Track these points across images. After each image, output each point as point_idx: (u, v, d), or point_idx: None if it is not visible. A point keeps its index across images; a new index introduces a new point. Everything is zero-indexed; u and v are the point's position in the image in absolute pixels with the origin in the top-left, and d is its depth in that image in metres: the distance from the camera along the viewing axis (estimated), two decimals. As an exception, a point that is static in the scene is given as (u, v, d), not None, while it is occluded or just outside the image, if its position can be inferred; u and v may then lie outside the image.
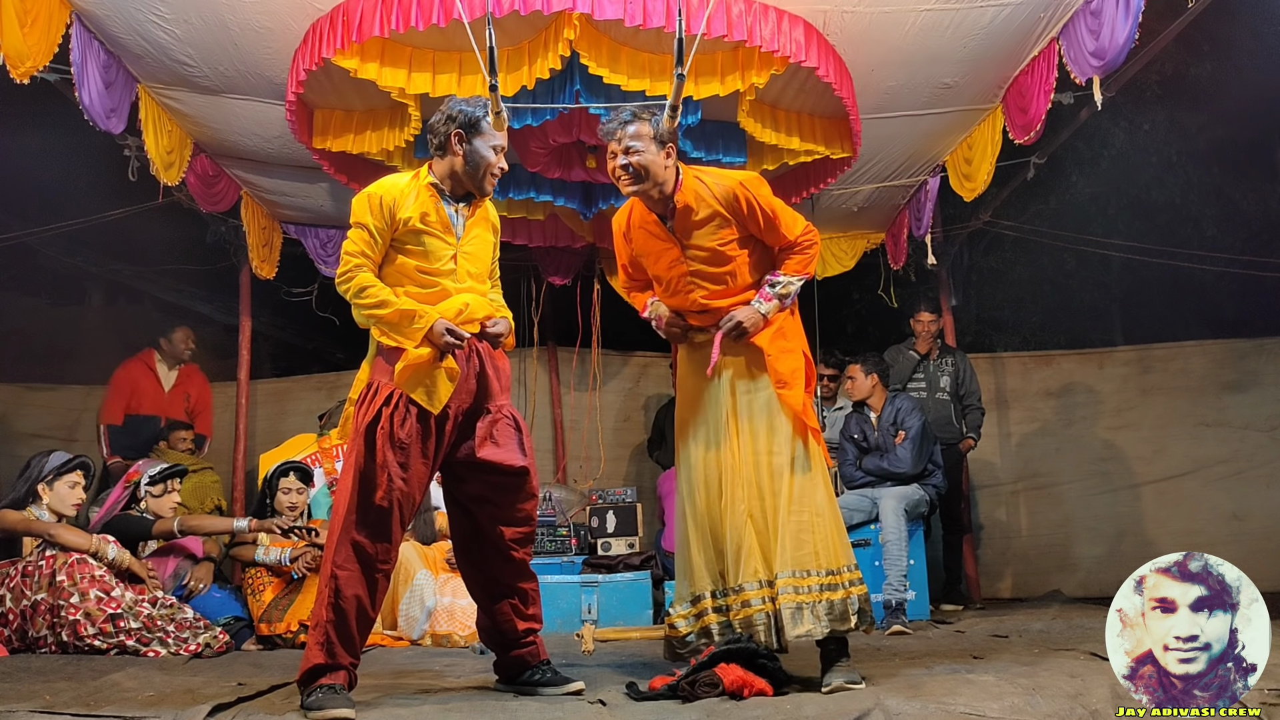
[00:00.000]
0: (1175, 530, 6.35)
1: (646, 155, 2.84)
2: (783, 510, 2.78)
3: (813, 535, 2.77)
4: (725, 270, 2.92)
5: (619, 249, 3.16)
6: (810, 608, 2.70)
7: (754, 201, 2.85)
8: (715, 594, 2.88)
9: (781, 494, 2.79)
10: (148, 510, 4.37)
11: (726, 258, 2.91)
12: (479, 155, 2.79)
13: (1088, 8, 3.75)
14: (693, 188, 2.89)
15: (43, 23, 3.47)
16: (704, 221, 2.89)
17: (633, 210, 3.06)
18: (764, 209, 2.87)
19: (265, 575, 4.37)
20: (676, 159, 2.93)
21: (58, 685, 2.89)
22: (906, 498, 4.89)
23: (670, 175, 2.89)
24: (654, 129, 2.86)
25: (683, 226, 2.92)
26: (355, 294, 2.70)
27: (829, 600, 2.72)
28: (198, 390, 6.15)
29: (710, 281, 2.94)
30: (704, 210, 2.88)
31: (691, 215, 2.89)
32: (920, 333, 5.85)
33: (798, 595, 2.71)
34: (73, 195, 5.96)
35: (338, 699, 2.46)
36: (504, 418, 2.85)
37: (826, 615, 2.71)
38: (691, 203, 2.89)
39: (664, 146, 2.87)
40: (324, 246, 6.06)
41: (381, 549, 2.63)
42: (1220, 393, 6.62)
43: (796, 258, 2.93)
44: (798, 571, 2.73)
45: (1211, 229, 8.77)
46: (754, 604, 2.76)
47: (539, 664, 2.88)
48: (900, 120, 4.76)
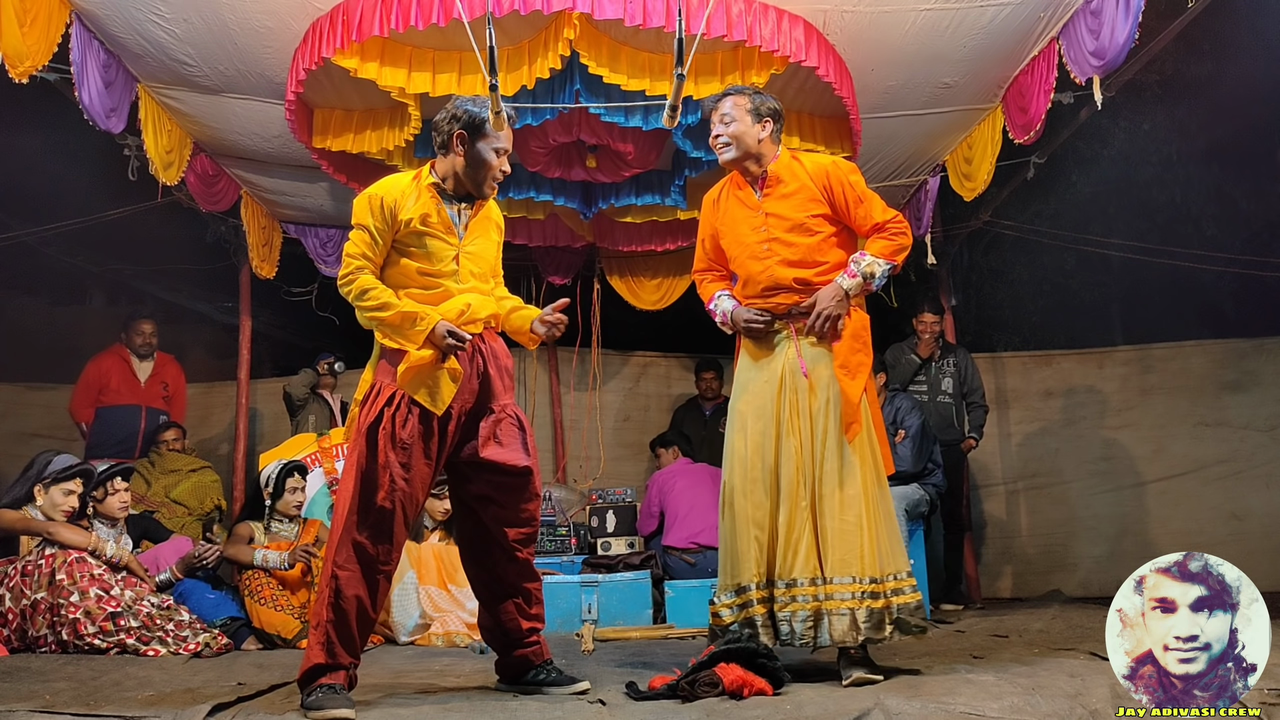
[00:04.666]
0: (1175, 530, 6.36)
1: (739, 126, 3.00)
2: (835, 512, 2.82)
3: (861, 540, 2.80)
4: (808, 243, 2.98)
5: (704, 220, 3.23)
6: (852, 614, 2.75)
7: (843, 180, 2.97)
8: (760, 585, 2.90)
9: (834, 496, 2.83)
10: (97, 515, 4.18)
11: (811, 230, 2.98)
12: (481, 157, 2.78)
13: (1088, 7, 3.75)
14: (787, 162, 3.03)
15: (42, 22, 3.47)
16: (793, 193, 2.99)
17: (728, 182, 3.16)
18: (852, 189, 2.97)
19: (263, 576, 4.36)
20: (777, 135, 3.05)
21: (57, 685, 2.89)
22: (906, 497, 4.88)
23: (767, 150, 3.02)
24: (751, 102, 3.02)
25: (771, 195, 3.02)
26: (357, 296, 2.70)
27: (870, 608, 2.76)
28: (174, 378, 6.09)
29: (791, 252, 2.98)
30: (794, 183, 3.00)
31: (781, 186, 3.01)
32: (922, 334, 5.84)
33: (842, 601, 2.76)
34: (73, 195, 5.96)
35: (338, 699, 2.46)
36: (507, 417, 2.84)
37: (865, 623, 2.74)
38: (783, 174, 3.01)
39: (760, 119, 3.01)
40: (324, 246, 6.06)
41: (383, 550, 2.62)
42: (1220, 392, 6.62)
43: (883, 241, 2.96)
44: (845, 577, 2.78)
45: (1211, 228, 8.76)
46: (800, 600, 2.81)
47: (543, 664, 2.88)
48: (900, 120, 4.76)
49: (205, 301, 8.62)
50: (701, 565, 4.99)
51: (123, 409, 5.80)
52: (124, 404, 5.81)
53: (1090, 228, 8.05)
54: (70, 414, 5.93)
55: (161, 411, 5.91)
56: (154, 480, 5.52)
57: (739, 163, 3.04)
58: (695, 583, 4.87)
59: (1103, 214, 8.85)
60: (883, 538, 2.84)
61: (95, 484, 4.17)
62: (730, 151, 3.02)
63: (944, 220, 6.39)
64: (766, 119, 3.02)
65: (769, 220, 3.02)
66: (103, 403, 5.81)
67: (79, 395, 5.86)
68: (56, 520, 3.93)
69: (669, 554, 5.13)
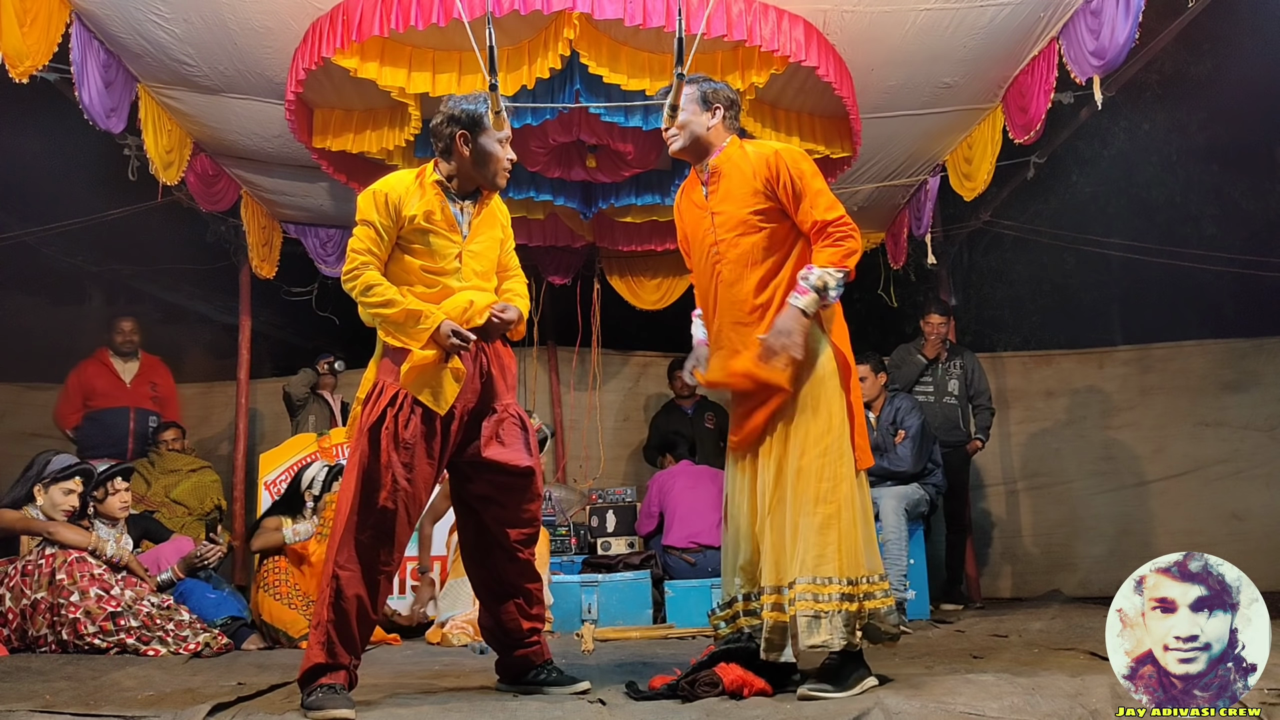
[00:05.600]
0: (1175, 530, 6.36)
1: (686, 114, 2.82)
2: (806, 512, 2.65)
3: (834, 540, 2.62)
4: (752, 242, 2.76)
5: (677, 226, 3.09)
6: (829, 617, 2.56)
7: (786, 169, 2.71)
8: (749, 596, 2.82)
9: (806, 495, 2.66)
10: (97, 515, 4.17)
11: (753, 228, 2.76)
12: (486, 151, 2.77)
13: (1088, 7, 3.75)
14: (730, 153, 2.83)
15: (42, 22, 3.47)
16: (737, 187, 2.79)
17: (688, 183, 2.99)
18: (794, 178, 2.71)
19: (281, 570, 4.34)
20: (731, 124, 2.88)
21: (57, 684, 2.89)
22: (906, 497, 4.89)
23: (716, 138, 2.84)
24: (700, 90, 2.83)
25: (716, 192, 2.83)
26: (361, 292, 2.69)
27: (846, 611, 2.58)
28: (163, 379, 6.04)
29: (733, 253, 2.78)
30: (736, 176, 2.79)
31: (724, 180, 2.81)
32: (929, 335, 5.82)
33: (816, 603, 2.58)
34: (73, 195, 5.96)
35: (338, 699, 2.45)
36: (510, 417, 2.84)
37: (844, 627, 2.57)
38: (724, 167, 2.82)
39: (709, 107, 2.83)
40: (324, 246, 6.07)
41: (384, 550, 2.61)
42: (1220, 392, 6.62)
43: (828, 249, 2.67)
44: (818, 578, 2.59)
45: (1211, 228, 8.77)
46: (784, 609, 2.65)
47: (544, 664, 2.88)
48: (900, 120, 4.76)
49: (205, 301, 8.62)
50: (701, 565, 4.99)
51: (111, 412, 5.76)
52: (112, 407, 5.76)
53: (1090, 228, 8.05)
54: (55, 421, 5.89)
55: (151, 412, 5.86)
56: (154, 480, 5.53)
57: (688, 152, 2.86)
58: (695, 583, 4.87)
59: (1103, 214, 8.86)
60: (856, 536, 2.65)
61: (95, 484, 4.16)
62: (678, 141, 2.84)
63: (944, 220, 6.39)
64: (717, 106, 2.83)
65: (715, 219, 2.83)
66: (91, 407, 5.76)
67: (63, 403, 5.84)
68: (57, 520, 3.93)
69: (669, 553, 5.13)
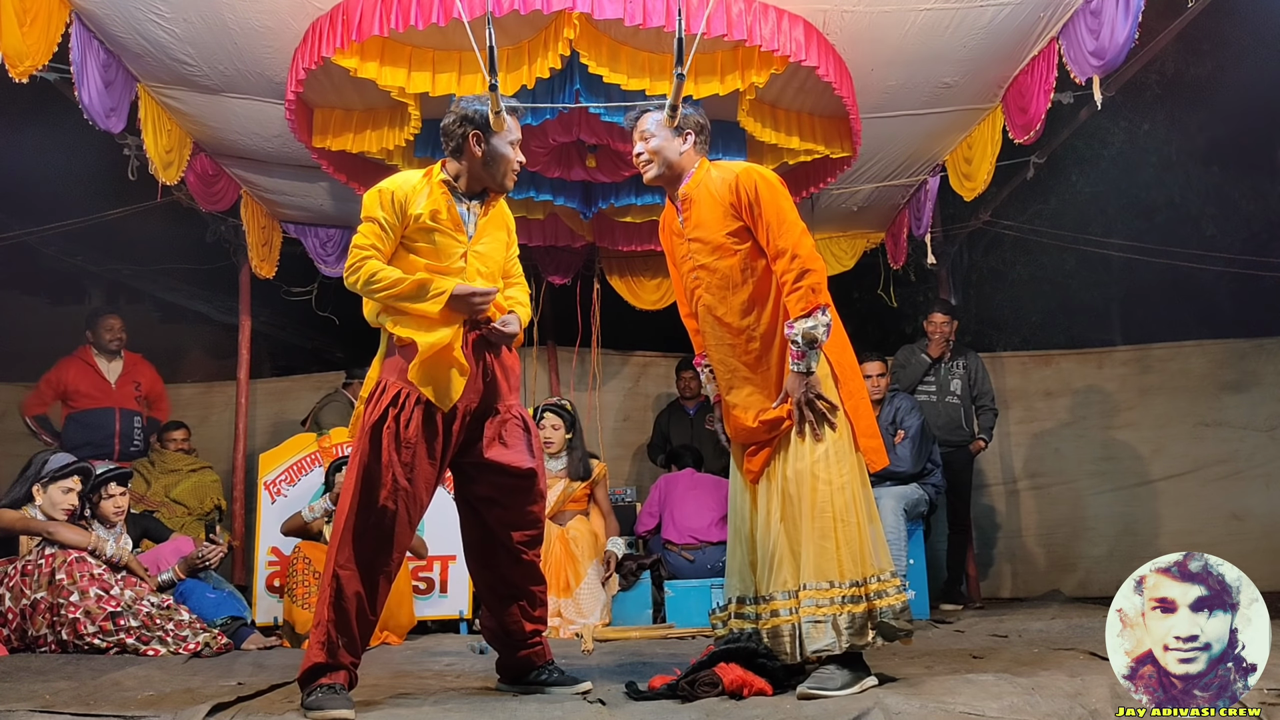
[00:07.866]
0: (1175, 530, 6.36)
1: (658, 140, 2.84)
2: (807, 517, 2.65)
3: (837, 543, 2.62)
4: (729, 265, 2.78)
5: (666, 257, 3.07)
6: (831, 621, 2.56)
7: (750, 192, 2.72)
8: (746, 600, 2.84)
9: (805, 499, 2.66)
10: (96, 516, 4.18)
11: (729, 251, 2.77)
12: (498, 152, 2.77)
13: (1088, 7, 3.75)
14: (700, 178, 2.84)
15: (42, 22, 3.47)
16: (708, 212, 2.80)
17: (667, 213, 2.99)
18: (758, 203, 2.71)
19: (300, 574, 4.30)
20: (702, 148, 2.89)
21: (57, 684, 2.89)
22: (906, 497, 4.89)
23: (687, 163, 2.86)
24: (670, 116, 2.84)
25: (690, 219, 2.85)
26: (366, 281, 2.66)
27: (850, 613, 2.57)
28: (148, 379, 5.92)
29: (713, 279, 2.81)
30: (707, 200, 2.80)
31: (696, 206, 2.83)
32: (933, 335, 5.82)
33: (819, 608, 2.58)
34: (73, 195, 5.97)
35: (337, 699, 2.45)
36: (512, 418, 2.84)
37: (847, 629, 2.56)
38: (694, 193, 2.83)
39: (680, 134, 2.85)
40: (324, 246, 6.06)
41: (385, 550, 2.61)
42: (1219, 393, 6.62)
43: (793, 296, 2.65)
44: (821, 583, 2.60)
45: (1211, 229, 8.78)
46: (781, 614, 2.65)
47: (545, 664, 2.88)
48: (900, 120, 4.76)
49: (205, 301, 8.62)
50: (701, 561, 4.98)
51: (95, 412, 5.59)
52: (96, 407, 5.60)
53: (1090, 228, 8.06)
54: (20, 409, 5.72)
55: (136, 413, 5.73)
56: (154, 480, 5.53)
57: (663, 179, 2.87)
58: (695, 582, 4.87)
59: (1102, 214, 8.87)
60: (862, 537, 2.65)
61: (92, 487, 4.16)
62: (652, 169, 2.85)
63: (944, 220, 6.39)
64: (688, 131, 2.85)
65: (691, 246, 2.85)
66: (74, 408, 5.60)
67: (33, 394, 5.67)
68: (57, 520, 3.93)
69: (668, 549, 5.12)
